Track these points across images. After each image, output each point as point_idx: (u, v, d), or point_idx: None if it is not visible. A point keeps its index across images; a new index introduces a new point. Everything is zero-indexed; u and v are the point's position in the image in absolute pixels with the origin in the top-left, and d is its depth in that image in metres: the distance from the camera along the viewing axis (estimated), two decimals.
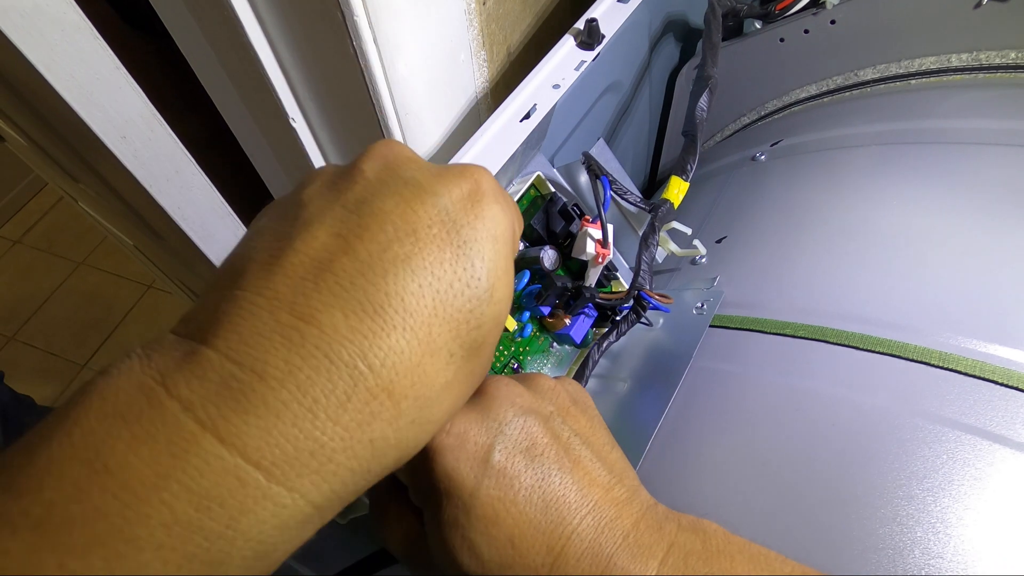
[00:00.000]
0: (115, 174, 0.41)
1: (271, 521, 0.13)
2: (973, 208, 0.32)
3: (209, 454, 0.12)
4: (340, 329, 0.14)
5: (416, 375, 0.15)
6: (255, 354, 0.13)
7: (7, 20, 0.29)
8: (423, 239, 0.15)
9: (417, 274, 0.15)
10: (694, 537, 0.18)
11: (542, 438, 0.19)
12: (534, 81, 0.31)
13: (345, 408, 0.14)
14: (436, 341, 0.15)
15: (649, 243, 0.33)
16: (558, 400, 0.21)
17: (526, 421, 0.20)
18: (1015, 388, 0.25)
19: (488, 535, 0.18)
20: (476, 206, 0.17)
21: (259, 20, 0.30)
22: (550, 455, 0.19)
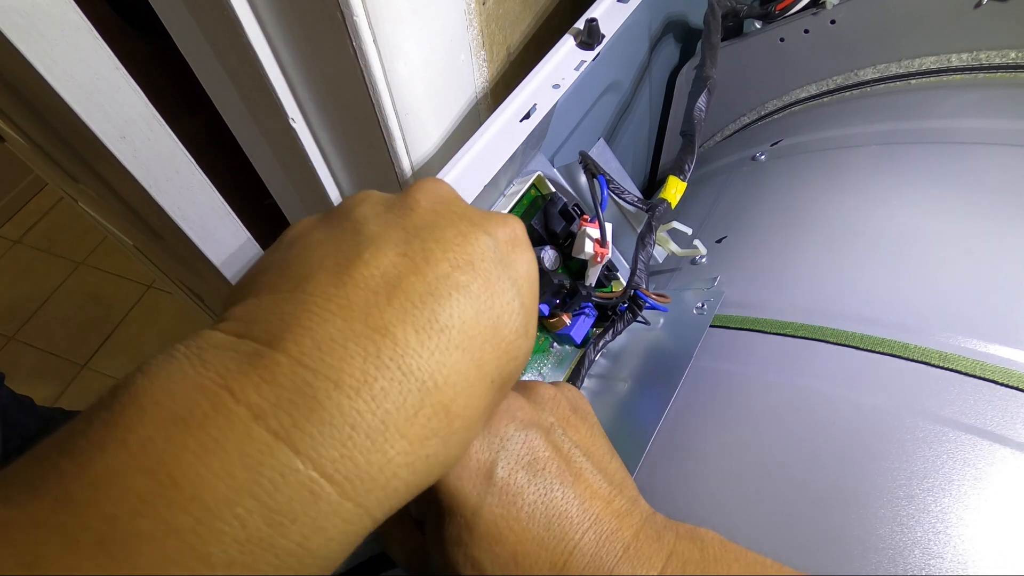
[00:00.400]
0: (115, 174, 0.41)
1: (338, 539, 0.12)
2: (973, 208, 0.32)
3: (284, 467, 0.11)
4: (412, 344, 0.14)
5: (469, 396, 0.15)
6: (330, 361, 0.13)
7: (6, 20, 0.29)
8: (480, 270, 0.16)
9: (476, 301, 0.16)
10: (692, 546, 0.19)
11: (544, 452, 0.19)
12: (534, 81, 0.31)
13: (412, 423, 0.14)
14: (485, 367, 0.16)
15: (646, 242, 0.33)
16: (558, 410, 0.22)
17: (527, 435, 0.20)
18: (1015, 388, 0.25)
19: (492, 553, 0.18)
20: (518, 248, 0.18)
21: (258, 20, 0.30)
22: (552, 469, 0.19)
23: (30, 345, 1.51)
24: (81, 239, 1.68)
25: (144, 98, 0.36)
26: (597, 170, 0.33)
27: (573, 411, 0.22)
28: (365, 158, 0.38)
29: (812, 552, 0.23)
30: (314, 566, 0.12)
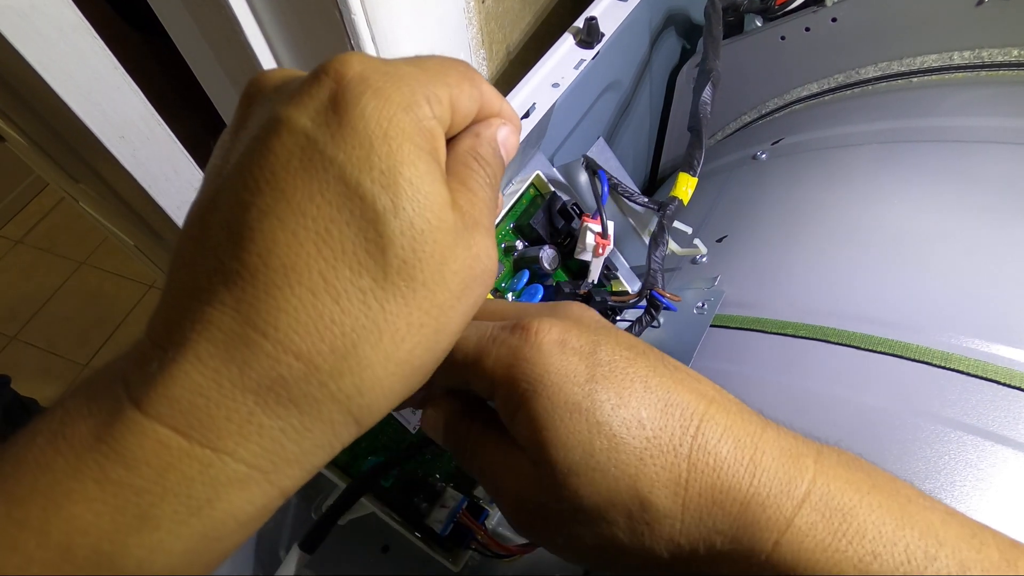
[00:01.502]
0: (114, 174, 0.41)
1: (199, 479, 0.13)
2: (975, 206, 0.32)
3: (129, 420, 0.13)
4: (227, 302, 0.14)
5: (322, 326, 0.14)
6: (171, 339, 0.14)
7: (5, 20, 0.29)
8: (282, 181, 0.14)
9: (285, 223, 0.14)
10: (836, 454, 0.17)
11: (636, 343, 0.19)
12: (533, 80, 0.31)
13: (246, 375, 0.14)
14: (335, 284, 0.14)
15: (659, 242, 0.33)
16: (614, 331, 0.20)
17: (613, 330, 0.19)
18: (1017, 388, 0.25)
19: (618, 416, 0.17)
20: (339, 111, 0.14)
21: (256, 18, 0.30)
22: (652, 355, 0.18)
23: (32, 345, 1.51)
24: (82, 239, 1.69)
25: (143, 98, 0.36)
26: (597, 167, 0.33)
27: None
28: None
29: None
30: (177, 502, 0.14)
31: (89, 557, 0.13)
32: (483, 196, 0.17)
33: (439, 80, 0.16)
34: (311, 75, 0.15)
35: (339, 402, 0.15)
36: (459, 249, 0.16)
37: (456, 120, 0.17)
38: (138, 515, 0.13)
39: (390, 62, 0.16)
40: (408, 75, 0.15)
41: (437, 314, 0.15)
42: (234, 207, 0.14)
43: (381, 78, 0.15)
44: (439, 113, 0.16)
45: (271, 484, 0.14)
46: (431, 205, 0.15)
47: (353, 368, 0.14)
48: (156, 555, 0.13)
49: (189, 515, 0.14)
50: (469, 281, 0.16)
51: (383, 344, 0.15)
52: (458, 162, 0.17)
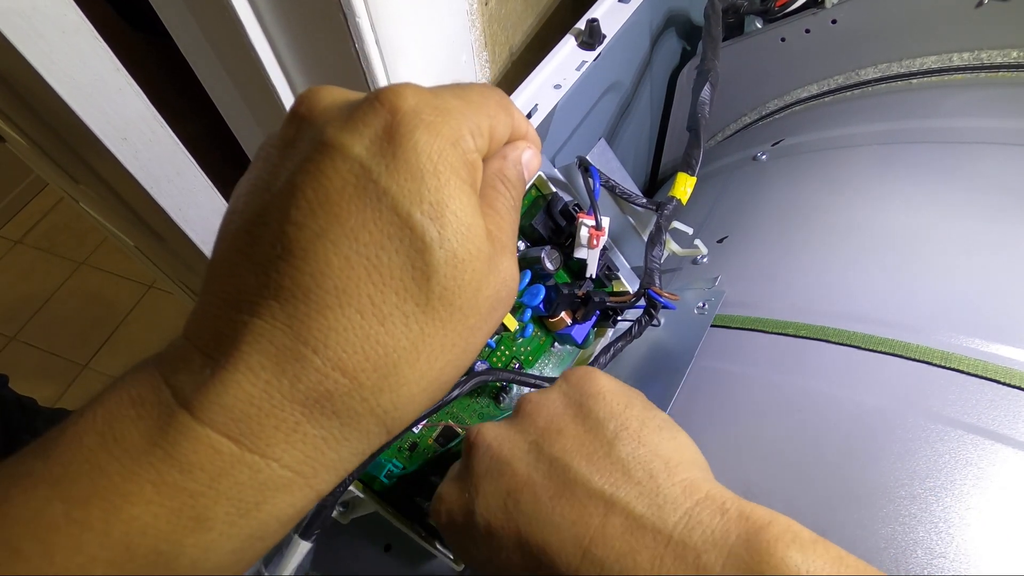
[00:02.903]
0: (116, 175, 0.42)
1: (249, 483, 0.14)
2: (975, 207, 0.32)
3: (183, 426, 0.14)
4: (278, 317, 0.14)
5: (367, 346, 0.15)
6: (219, 347, 0.15)
7: (7, 21, 0.29)
8: (336, 206, 0.14)
9: (339, 247, 0.14)
10: (752, 561, 0.15)
11: (516, 482, 0.18)
12: (535, 81, 0.31)
13: (295, 388, 0.14)
14: (382, 308, 0.15)
15: (657, 241, 0.33)
16: (540, 419, 0.20)
17: (500, 469, 0.19)
18: (1017, 387, 0.25)
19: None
20: (393, 143, 0.15)
21: (260, 21, 0.30)
22: (526, 499, 0.18)
23: (31, 345, 1.51)
24: (82, 239, 1.69)
25: (145, 99, 0.36)
26: (589, 165, 0.33)
27: (564, 411, 0.20)
28: None
29: None
30: (229, 505, 0.14)
31: (148, 556, 0.13)
32: (509, 220, 0.18)
33: (481, 112, 0.17)
34: (366, 103, 0.15)
35: (377, 416, 0.15)
36: (491, 276, 0.17)
37: (492, 148, 0.18)
38: (193, 517, 0.14)
39: (439, 94, 0.16)
40: (455, 109, 0.16)
41: (468, 335, 0.16)
42: (286, 225, 0.14)
43: (432, 112, 0.15)
44: (480, 145, 0.17)
45: (310, 488, 0.15)
46: (472, 237, 0.16)
47: (392, 386, 0.15)
48: (209, 554, 0.14)
49: (239, 517, 0.14)
50: (496, 303, 0.17)
51: (419, 364, 0.16)
52: (487, 184, 0.18)
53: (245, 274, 0.15)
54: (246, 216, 0.15)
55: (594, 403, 0.20)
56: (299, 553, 0.25)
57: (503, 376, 0.29)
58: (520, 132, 0.19)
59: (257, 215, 0.15)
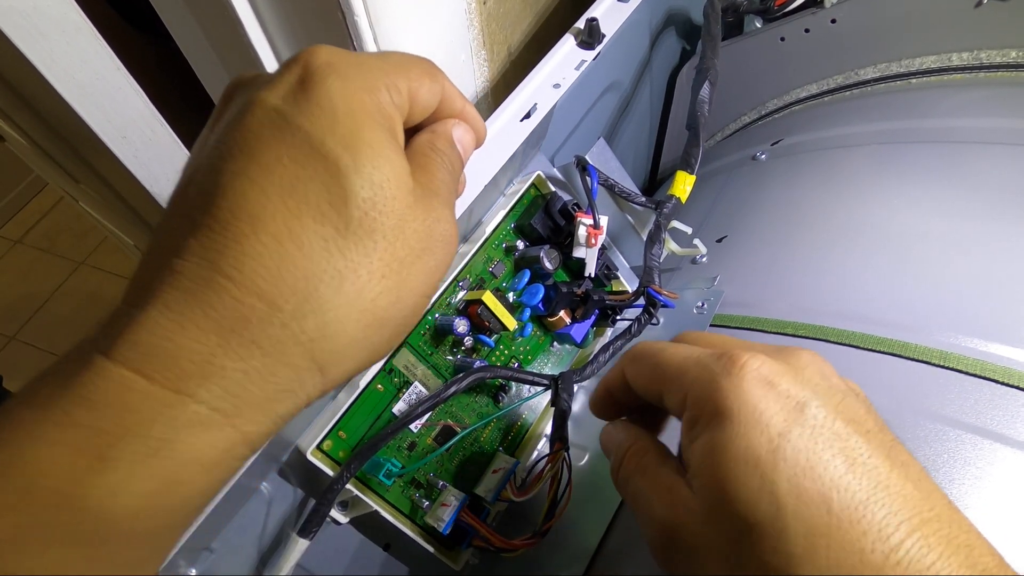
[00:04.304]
0: (115, 174, 0.42)
1: (159, 419, 0.14)
2: (974, 207, 0.32)
3: (95, 366, 0.14)
4: (195, 252, 0.14)
5: (285, 271, 0.15)
6: (141, 294, 0.15)
7: (7, 20, 0.29)
8: (253, 146, 0.15)
9: (255, 180, 0.15)
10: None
11: (866, 418, 0.17)
12: (534, 80, 0.31)
13: (209, 316, 0.14)
14: (300, 234, 0.15)
15: (656, 239, 0.33)
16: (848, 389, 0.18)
17: (846, 396, 0.17)
18: (1015, 387, 0.25)
19: (797, 486, 0.15)
20: (307, 90, 0.16)
21: (259, 19, 0.30)
22: (875, 437, 0.16)
23: (31, 345, 1.51)
24: (82, 239, 1.69)
25: (145, 98, 0.36)
26: (587, 164, 0.33)
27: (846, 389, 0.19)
28: None
29: None
30: (139, 443, 0.14)
31: (49, 499, 0.13)
32: (441, 176, 0.18)
33: (400, 72, 0.17)
34: (283, 65, 0.16)
35: (301, 344, 0.15)
36: (418, 211, 0.17)
37: (415, 111, 0.18)
38: (97, 456, 0.13)
39: (356, 54, 0.17)
40: (371, 64, 0.17)
41: (398, 268, 0.16)
42: (208, 174, 0.15)
43: (346, 65, 0.16)
44: (398, 101, 0.17)
45: (233, 428, 0.15)
46: (390, 166, 0.16)
47: (315, 309, 0.15)
48: (117, 496, 0.13)
49: (148, 456, 0.14)
50: (428, 242, 0.17)
51: (344, 289, 0.15)
52: (418, 152, 0.18)
53: (174, 228, 0.15)
54: (181, 182, 0.16)
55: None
56: (297, 551, 0.25)
57: (500, 373, 0.29)
58: (454, 107, 0.20)
59: (189, 178, 0.16)
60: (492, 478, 0.31)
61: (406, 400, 0.29)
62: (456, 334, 0.29)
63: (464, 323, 0.29)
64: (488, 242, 0.32)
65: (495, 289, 0.32)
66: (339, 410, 0.27)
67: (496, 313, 0.30)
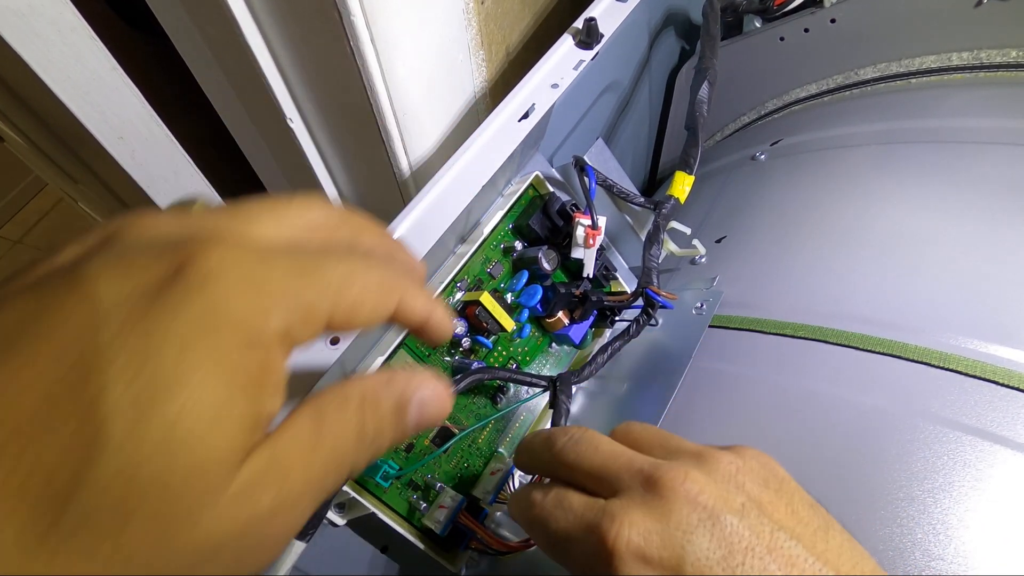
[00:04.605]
0: (113, 175, 0.41)
1: None
2: (974, 207, 0.32)
3: None
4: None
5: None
6: None
7: (3, 21, 0.29)
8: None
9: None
10: None
11: (739, 543, 0.16)
12: (532, 80, 0.31)
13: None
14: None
15: (654, 240, 0.33)
16: (747, 486, 0.18)
17: (716, 525, 0.17)
18: (1016, 388, 0.25)
19: None
20: (157, 301, 0.11)
21: (256, 20, 0.30)
22: (754, 564, 0.16)
23: None
24: None
25: (142, 98, 0.36)
26: (585, 164, 0.33)
27: (765, 485, 0.18)
28: (363, 158, 0.38)
29: None
30: None
31: None
32: (329, 458, 0.13)
33: (320, 288, 0.13)
34: (163, 246, 0.12)
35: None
36: (230, 505, 0.11)
37: (344, 322, 0.13)
38: None
39: (268, 258, 0.12)
40: (273, 283, 0.12)
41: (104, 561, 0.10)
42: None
43: (236, 280, 0.12)
44: (294, 331, 0.12)
45: None
46: (194, 431, 0.11)
47: None
48: None
49: None
50: (228, 560, 0.11)
51: None
52: (335, 396, 0.13)
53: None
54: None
55: (790, 484, 0.19)
56: (293, 554, 0.25)
57: (499, 374, 0.29)
58: (415, 315, 0.15)
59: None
60: (490, 480, 0.30)
61: None
62: (454, 335, 0.29)
63: (462, 324, 0.29)
64: (486, 243, 0.32)
65: (493, 290, 0.32)
66: None
67: (494, 314, 0.30)
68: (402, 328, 0.16)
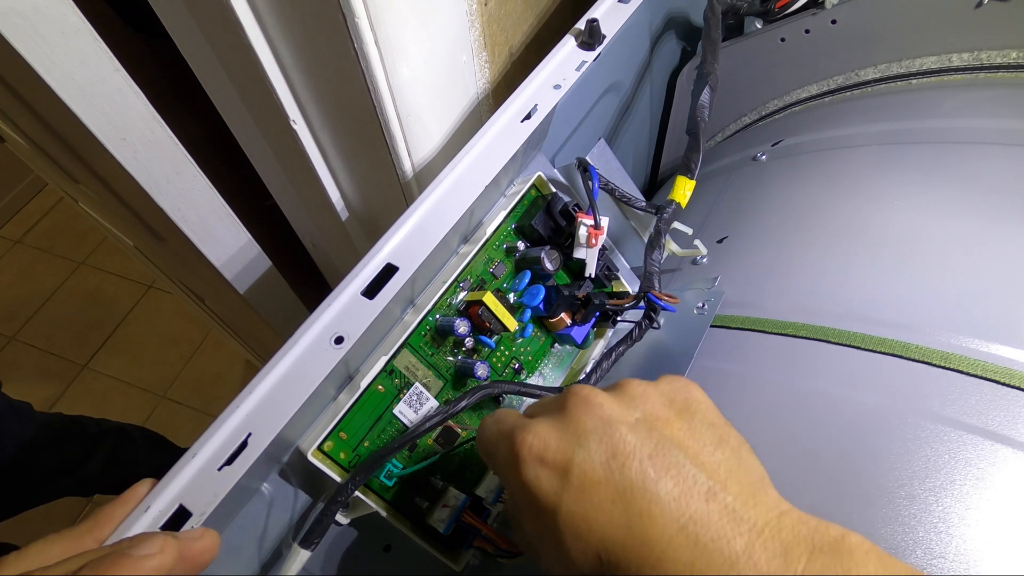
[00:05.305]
0: (115, 176, 0.41)
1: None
2: (974, 207, 0.32)
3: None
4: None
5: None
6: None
7: (7, 22, 0.29)
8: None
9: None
10: (833, 563, 0.15)
11: (623, 448, 0.18)
12: (535, 81, 0.31)
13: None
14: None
15: (656, 245, 0.33)
16: (647, 405, 0.20)
17: (606, 431, 0.19)
18: (1017, 388, 0.25)
19: (576, 549, 0.18)
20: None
21: (259, 21, 0.30)
22: (632, 466, 0.18)
23: (31, 345, 1.51)
24: (82, 239, 1.68)
25: (144, 99, 0.36)
26: (588, 165, 0.33)
27: (668, 405, 0.20)
28: (366, 159, 0.38)
29: None
30: None
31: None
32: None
33: None
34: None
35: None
36: None
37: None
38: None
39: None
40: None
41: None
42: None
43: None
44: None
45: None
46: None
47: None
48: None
49: None
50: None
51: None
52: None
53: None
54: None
55: (698, 407, 0.21)
56: (299, 562, 0.25)
57: (508, 389, 0.29)
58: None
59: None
60: (493, 479, 0.30)
61: (407, 401, 0.29)
62: (457, 335, 0.29)
63: (465, 324, 0.29)
64: (489, 243, 0.32)
65: (496, 290, 0.32)
66: (340, 411, 0.27)
67: (497, 314, 0.30)
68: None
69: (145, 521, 0.20)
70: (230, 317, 0.89)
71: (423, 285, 0.31)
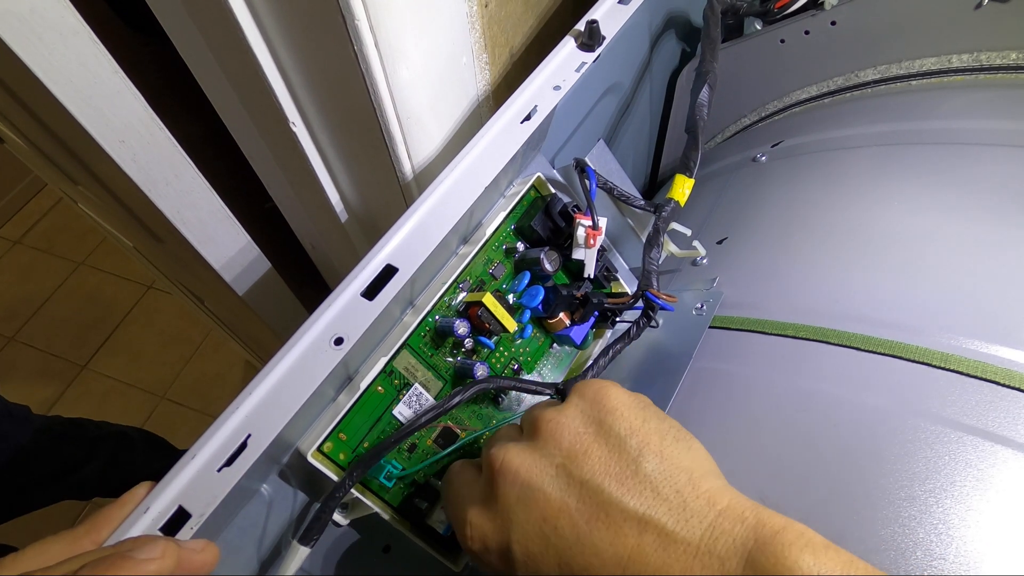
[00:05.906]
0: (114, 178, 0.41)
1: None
2: (974, 209, 0.32)
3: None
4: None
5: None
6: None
7: (5, 24, 0.29)
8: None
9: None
10: (767, 562, 0.16)
11: (550, 509, 0.18)
12: (535, 83, 0.31)
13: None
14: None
15: (654, 243, 0.33)
16: (563, 441, 0.20)
17: (531, 498, 0.19)
18: (1017, 389, 0.25)
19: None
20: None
21: (258, 23, 0.30)
22: (564, 525, 0.18)
23: (30, 346, 1.51)
24: (81, 239, 1.68)
25: (143, 102, 0.36)
26: (586, 165, 0.33)
27: (584, 430, 0.20)
28: (366, 161, 0.38)
29: None
30: None
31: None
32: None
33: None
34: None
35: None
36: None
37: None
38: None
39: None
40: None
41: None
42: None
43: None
44: None
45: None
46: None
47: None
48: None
49: None
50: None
51: None
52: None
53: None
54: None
55: (613, 420, 0.20)
56: (298, 558, 0.25)
57: (504, 384, 0.29)
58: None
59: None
60: None
61: (406, 402, 0.29)
62: (456, 336, 0.29)
63: (464, 325, 0.29)
64: (488, 244, 0.32)
65: (495, 291, 0.32)
66: (339, 412, 0.27)
67: (496, 315, 0.30)
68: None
69: (144, 522, 0.20)
70: (230, 318, 0.89)
71: (422, 286, 0.31)
